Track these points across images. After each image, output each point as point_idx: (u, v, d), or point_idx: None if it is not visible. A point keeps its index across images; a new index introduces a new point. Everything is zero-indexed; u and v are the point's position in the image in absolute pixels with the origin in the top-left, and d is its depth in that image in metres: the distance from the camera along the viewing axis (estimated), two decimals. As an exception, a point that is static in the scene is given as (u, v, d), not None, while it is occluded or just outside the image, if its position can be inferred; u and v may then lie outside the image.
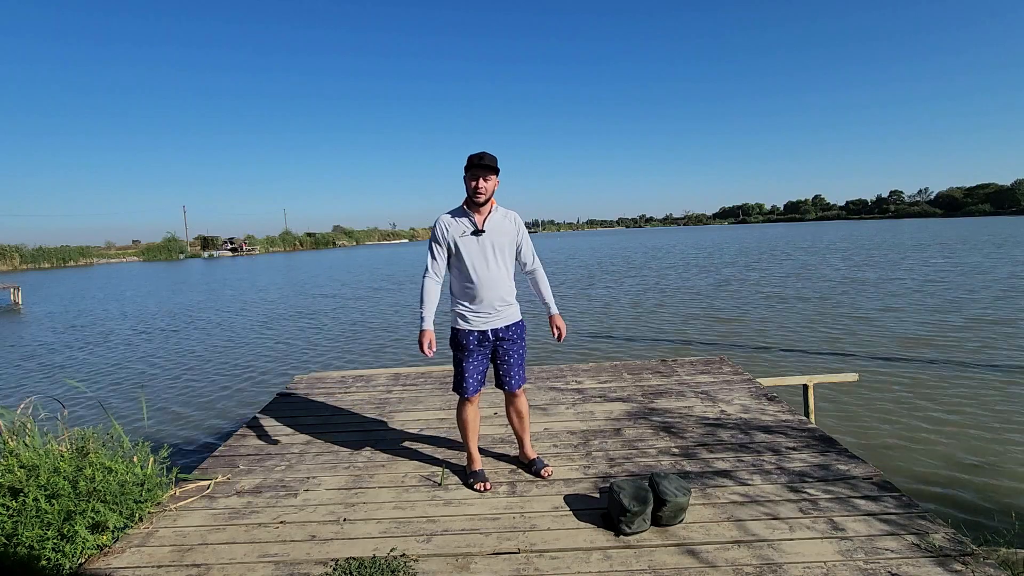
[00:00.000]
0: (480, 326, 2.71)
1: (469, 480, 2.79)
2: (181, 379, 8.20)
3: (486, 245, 2.67)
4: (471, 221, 2.67)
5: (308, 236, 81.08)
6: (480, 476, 2.78)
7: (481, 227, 2.67)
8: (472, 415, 2.82)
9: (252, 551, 2.27)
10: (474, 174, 2.59)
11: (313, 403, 4.21)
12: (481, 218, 2.68)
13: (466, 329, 2.71)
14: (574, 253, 38.53)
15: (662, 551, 2.15)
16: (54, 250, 55.38)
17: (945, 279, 15.06)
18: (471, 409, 2.81)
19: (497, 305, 2.71)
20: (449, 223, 2.69)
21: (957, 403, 5.63)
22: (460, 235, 2.66)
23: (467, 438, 2.86)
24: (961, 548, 2.06)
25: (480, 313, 2.70)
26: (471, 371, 2.74)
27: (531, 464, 2.92)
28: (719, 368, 4.63)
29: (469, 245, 2.66)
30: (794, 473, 2.73)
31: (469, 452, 2.88)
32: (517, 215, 2.83)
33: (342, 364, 8.69)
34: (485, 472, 2.84)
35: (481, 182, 2.59)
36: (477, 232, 2.66)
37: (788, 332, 9.40)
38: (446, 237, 2.68)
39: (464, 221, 2.68)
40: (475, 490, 2.72)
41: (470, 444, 2.86)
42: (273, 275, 30.04)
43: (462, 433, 2.87)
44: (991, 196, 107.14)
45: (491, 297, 2.68)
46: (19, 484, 2.35)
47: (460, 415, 2.83)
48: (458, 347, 2.75)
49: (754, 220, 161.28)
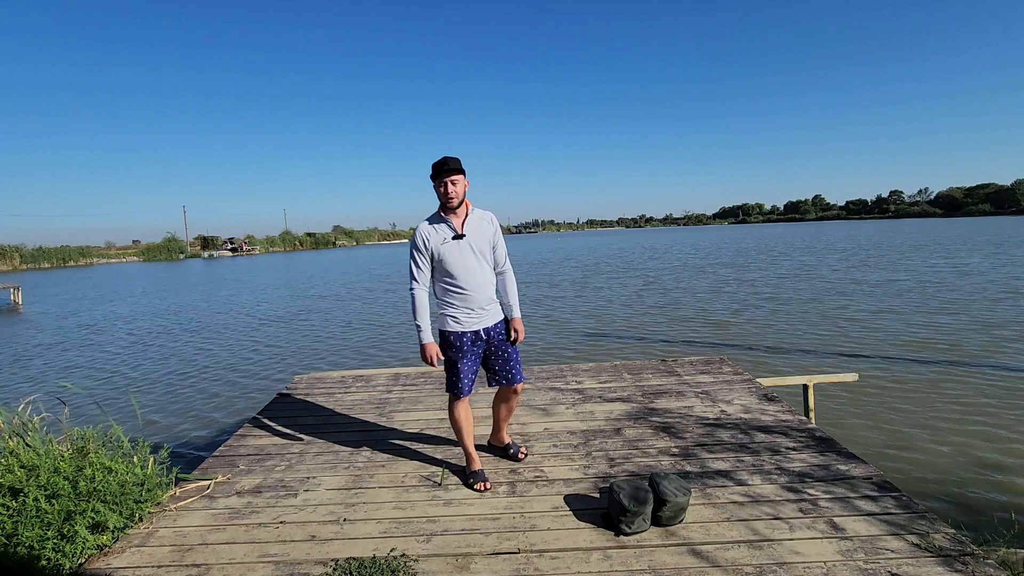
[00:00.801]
0: (473, 326, 2.74)
1: (469, 480, 2.79)
2: (181, 379, 8.20)
3: (468, 248, 2.68)
4: (450, 227, 2.68)
5: (308, 236, 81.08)
6: (480, 476, 2.78)
7: (461, 231, 2.68)
8: (466, 414, 2.86)
9: (252, 551, 2.27)
10: (441, 180, 2.60)
11: (313, 403, 4.21)
12: (459, 221, 2.69)
13: (459, 331, 2.73)
14: (572, 253, 38.54)
15: (662, 551, 2.15)
16: (54, 250, 55.38)
17: (945, 280, 15.06)
18: (464, 408, 2.84)
19: (485, 305, 2.75)
20: (429, 231, 2.69)
21: (957, 403, 5.64)
22: (442, 242, 2.67)
23: (463, 438, 2.87)
24: (961, 548, 2.06)
25: (471, 314, 2.73)
26: (466, 371, 2.77)
27: (507, 448, 3.06)
28: (719, 368, 4.63)
29: (452, 251, 2.67)
30: (794, 473, 2.73)
31: (467, 452, 2.88)
32: (493, 215, 2.84)
33: (342, 364, 8.69)
34: (485, 472, 2.85)
35: (450, 187, 2.60)
36: (458, 236, 2.67)
37: (788, 332, 9.40)
38: (428, 246, 2.68)
39: (443, 227, 2.69)
40: (475, 490, 2.72)
41: (467, 444, 2.87)
42: (273, 275, 30.03)
43: (458, 433, 2.88)
44: (991, 196, 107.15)
45: (479, 298, 2.72)
46: (19, 484, 2.35)
47: (454, 416, 2.86)
48: (451, 348, 2.76)
49: (754, 220, 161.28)
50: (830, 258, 23.91)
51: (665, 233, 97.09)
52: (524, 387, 4.32)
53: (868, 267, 19.38)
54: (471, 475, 2.81)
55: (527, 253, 40.85)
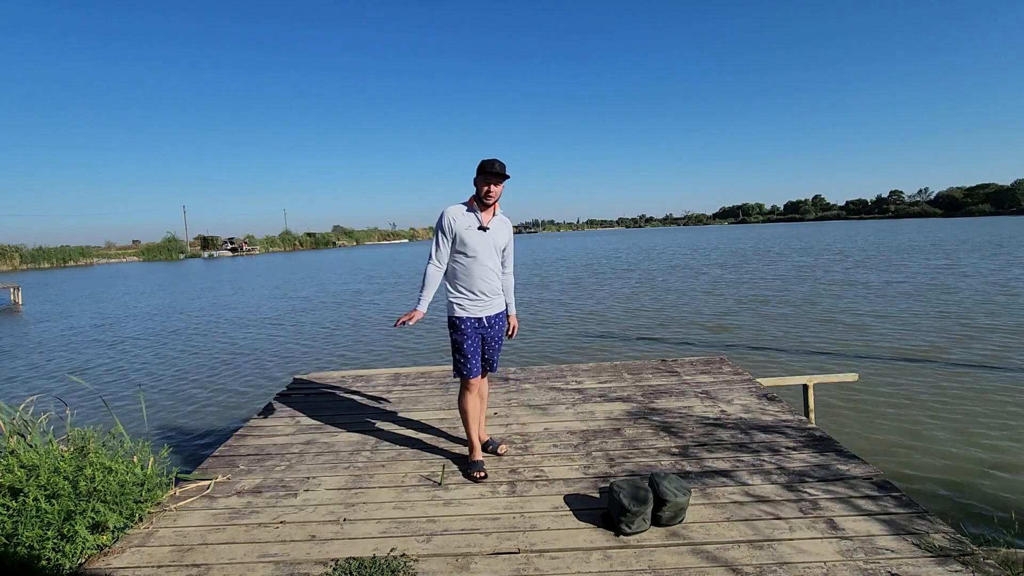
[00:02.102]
0: (476, 313, 2.92)
1: (469, 469, 2.85)
2: (181, 379, 8.19)
3: (489, 241, 2.88)
4: (477, 218, 2.87)
5: (308, 236, 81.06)
6: (479, 465, 2.87)
7: (486, 224, 2.87)
8: (475, 402, 2.97)
9: (252, 551, 2.27)
10: (487, 179, 2.80)
11: (313, 403, 4.21)
12: (487, 217, 2.90)
13: (464, 316, 2.90)
14: (570, 254, 38.54)
15: (662, 551, 2.15)
16: (54, 250, 55.36)
17: (945, 281, 15.06)
18: (473, 396, 2.96)
19: (490, 294, 2.93)
20: (456, 215, 2.86)
21: (957, 403, 5.64)
22: (466, 228, 2.84)
23: (469, 425, 2.96)
24: (961, 548, 2.06)
25: (476, 301, 2.91)
26: (472, 352, 2.91)
27: (486, 444, 3.14)
28: (719, 368, 4.63)
29: (476, 238, 2.85)
30: (794, 473, 2.73)
31: (471, 441, 2.96)
32: (510, 222, 3.06)
33: (342, 364, 8.69)
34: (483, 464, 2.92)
35: (493, 187, 2.81)
36: (483, 228, 2.86)
37: (788, 332, 9.40)
38: (453, 228, 2.85)
39: (471, 216, 2.87)
40: (473, 478, 2.80)
41: (472, 432, 2.96)
42: (273, 275, 30.03)
43: (465, 421, 2.98)
44: (991, 196, 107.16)
45: (487, 288, 2.91)
46: (19, 484, 2.35)
47: (464, 403, 2.96)
48: (457, 331, 2.92)
49: (754, 220, 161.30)
50: (829, 259, 23.91)
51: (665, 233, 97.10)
52: (524, 387, 4.36)
53: (868, 268, 19.38)
54: (471, 464, 2.88)
55: (529, 253, 40.82)
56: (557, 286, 17.99)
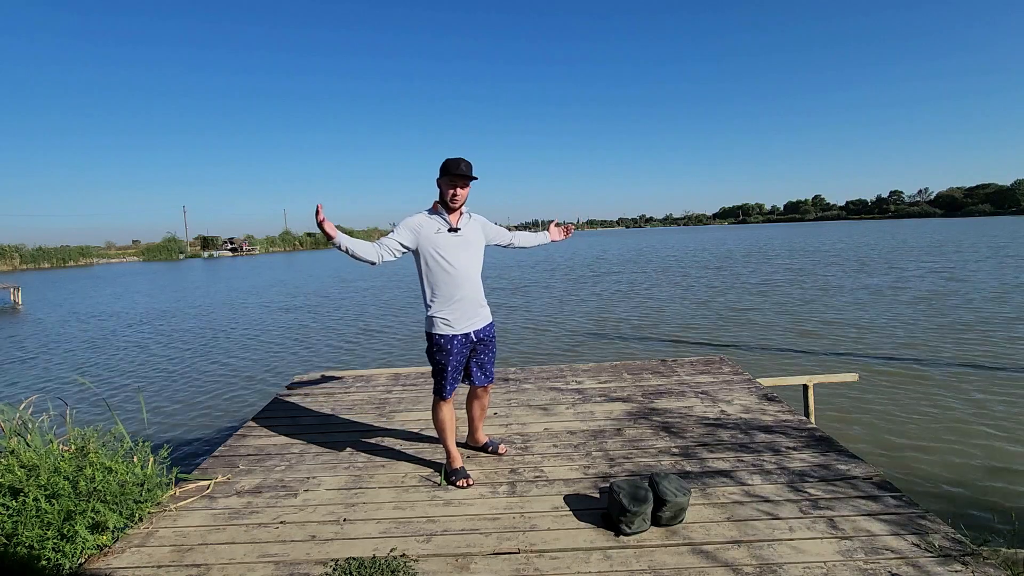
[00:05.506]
0: (464, 329, 2.78)
1: (451, 477, 2.81)
2: (181, 379, 8.20)
3: (461, 242, 2.76)
4: (445, 220, 2.75)
5: (308, 236, 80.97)
6: (462, 473, 2.82)
7: (456, 226, 2.76)
8: (450, 415, 2.90)
9: (252, 551, 2.27)
10: (453, 181, 2.65)
11: (313, 403, 4.21)
12: (455, 218, 2.78)
13: (450, 334, 2.75)
14: (570, 254, 38.53)
15: (662, 551, 2.15)
16: (54, 250, 55.38)
17: (945, 281, 15.06)
18: (448, 409, 2.89)
19: (475, 306, 2.80)
20: (423, 221, 2.74)
21: (957, 403, 5.64)
22: (435, 232, 2.71)
23: (445, 437, 2.91)
24: (961, 548, 2.06)
25: (463, 315, 2.76)
26: (453, 374, 2.82)
27: (485, 446, 3.14)
28: (719, 368, 4.62)
29: (447, 240, 2.72)
30: (794, 473, 2.72)
31: (448, 450, 2.92)
32: (481, 217, 2.95)
33: (342, 364, 8.69)
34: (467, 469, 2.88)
35: (459, 190, 2.67)
36: (453, 230, 2.75)
37: (788, 332, 9.40)
38: (417, 232, 2.71)
39: (438, 219, 2.75)
40: (458, 487, 2.76)
41: (449, 442, 2.92)
42: (273, 275, 30.03)
43: (441, 433, 2.92)
44: (991, 196, 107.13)
45: (470, 295, 2.76)
46: (19, 484, 2.35)
47: (438, 416, 2.89)
48: (441, 352, 2.76)
49: (754, 220, 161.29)
50: (831, 259, 23.91)
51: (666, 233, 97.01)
52: (524, 387, 4.35)
53: (868, 268, 19.38)
54: (453, 472, 2.84)
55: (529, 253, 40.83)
56: (557, 286, 17.99)
